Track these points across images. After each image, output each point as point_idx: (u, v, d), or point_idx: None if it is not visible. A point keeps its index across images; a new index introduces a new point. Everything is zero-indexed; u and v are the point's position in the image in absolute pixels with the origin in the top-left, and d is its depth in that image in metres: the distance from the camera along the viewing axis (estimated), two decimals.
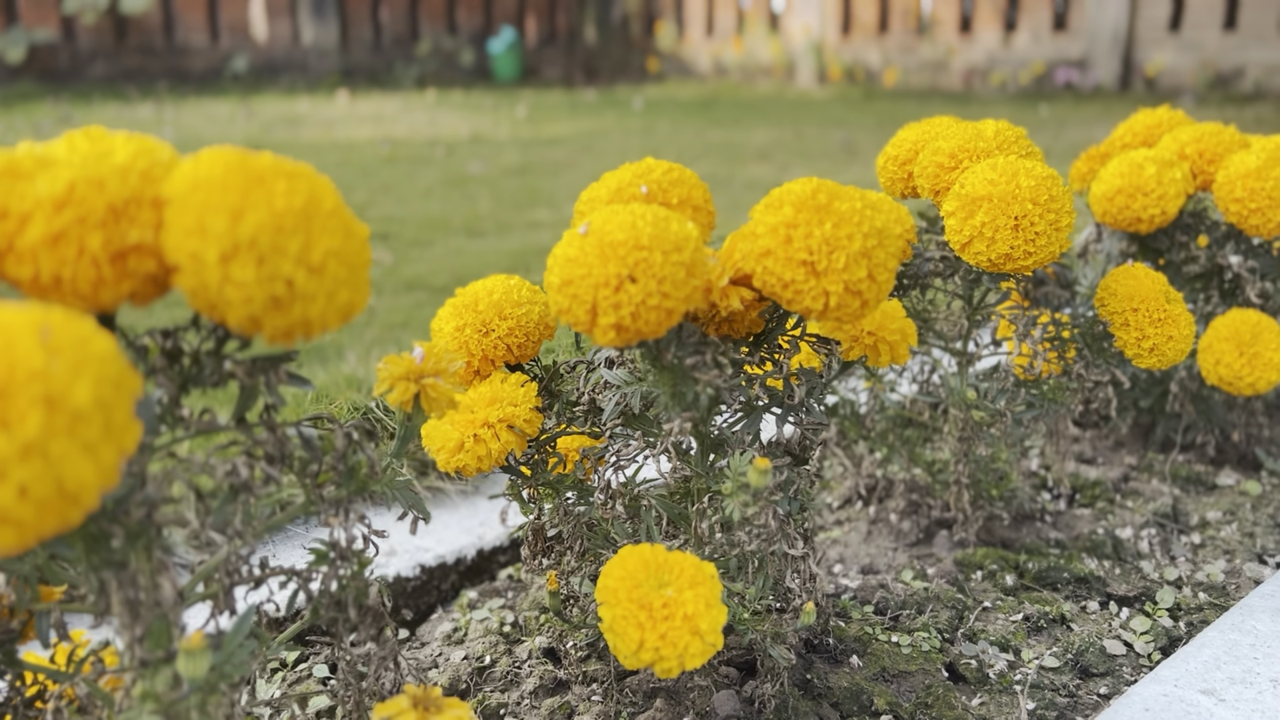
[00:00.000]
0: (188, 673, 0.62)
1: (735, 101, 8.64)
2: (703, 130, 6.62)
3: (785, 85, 9.95)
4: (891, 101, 8.17)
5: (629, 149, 5.76)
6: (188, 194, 0.64)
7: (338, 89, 9.40)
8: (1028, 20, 8.76)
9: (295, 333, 0.67)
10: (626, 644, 0.86)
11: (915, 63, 9.31)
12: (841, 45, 9.73)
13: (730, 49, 10.49)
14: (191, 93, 9.02)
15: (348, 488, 0.79)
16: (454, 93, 9.40)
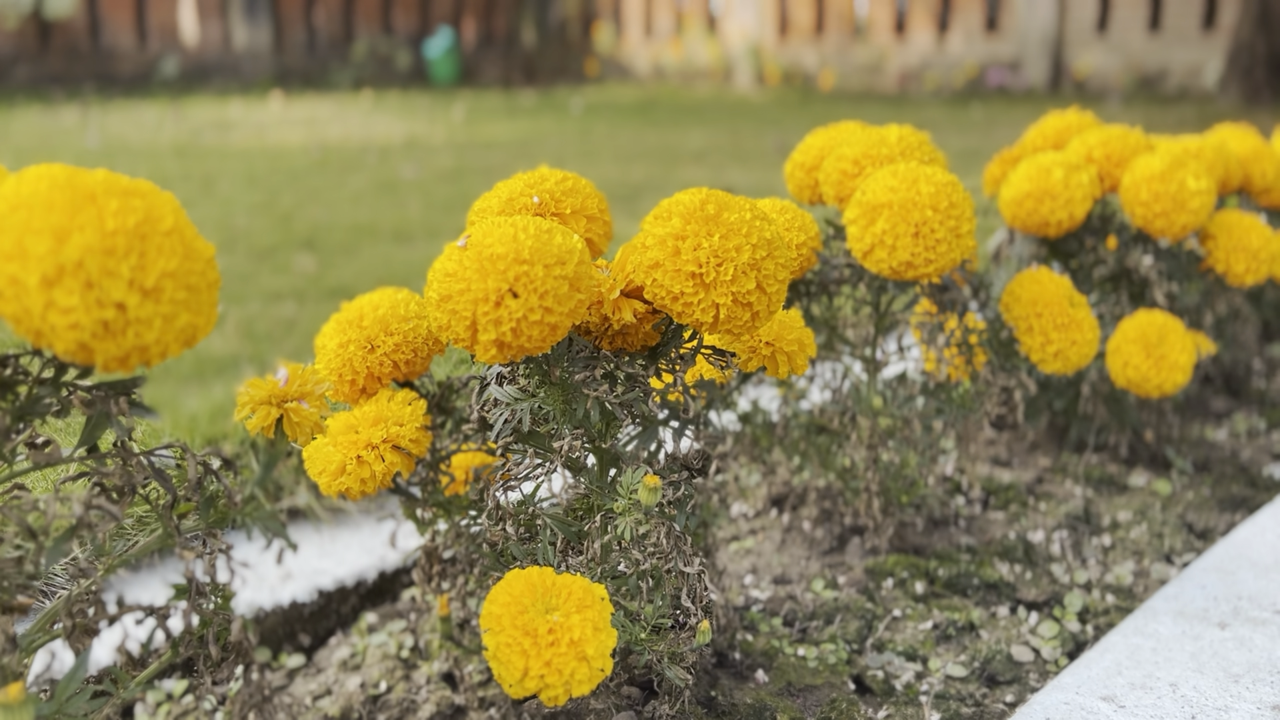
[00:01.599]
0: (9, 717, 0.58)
1: (674, 104, 8.64)
2: (640, 133, 6.61)
3: (724, 88, 9.99)
4: (827, 104, 8.23)
5: (566, 152, 5.73)
6: (7, 215, 0.60)
7: (271, 92, 9.24)
8: (960, 22, 8.89)
9: (131, 360, 0.63)
10: (511, 672, 0.84)
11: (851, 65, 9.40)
12: (779, 47, 9.79)
13: (669, 51, 10.50)
14: (119, 97, 8.81)
15: (206, 519, 0.75)
16: (390, 95, 9.29)
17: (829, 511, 1.44)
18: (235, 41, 10.08)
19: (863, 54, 9.31)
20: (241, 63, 10.11)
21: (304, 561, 1.29)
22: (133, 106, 8.10)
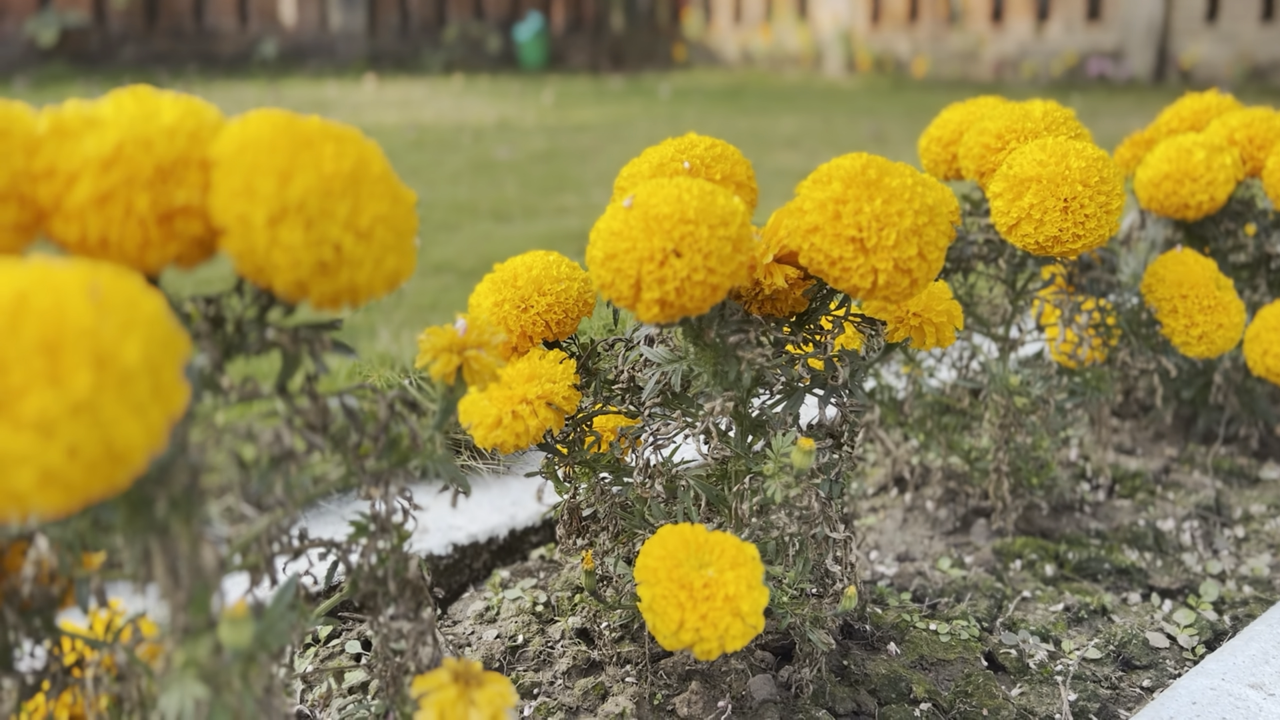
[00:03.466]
0: (230, 641, 0.61)
1: (762, 90, 8.58)
2: (730, 118, 6.58)
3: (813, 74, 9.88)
4: (921, 92, 8.10)
5: (656, 136, 5.73)
6: (235, 155, 0.63)
7: (365, 74, 9.41)
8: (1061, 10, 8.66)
9: (342, 299, 0.66)
10: (666, 624, 0.85)
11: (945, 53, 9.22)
12: (871, 34, 9.65)
13: (758, 37, 10.42)
14: (220, 76, 9.06)
15: (388, 460, 0.78)
16: (480, 79, 9.39)
17: (953, 492, 1.43)
18: (331, 24, 10.28)
19: (958, 41, 9.13)
20: (337, 44, 10.32)
21: (437, 517, 1.33)
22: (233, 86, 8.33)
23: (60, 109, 0.64)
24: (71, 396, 0.49)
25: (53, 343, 0.49)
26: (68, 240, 0.62)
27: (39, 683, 0.75)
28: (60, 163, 0.61)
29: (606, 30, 11.41)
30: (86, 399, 0.49)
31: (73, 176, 0.61)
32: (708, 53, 10.95)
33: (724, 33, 10.81)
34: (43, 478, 0.49)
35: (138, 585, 0.63)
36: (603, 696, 1.03)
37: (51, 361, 0.49)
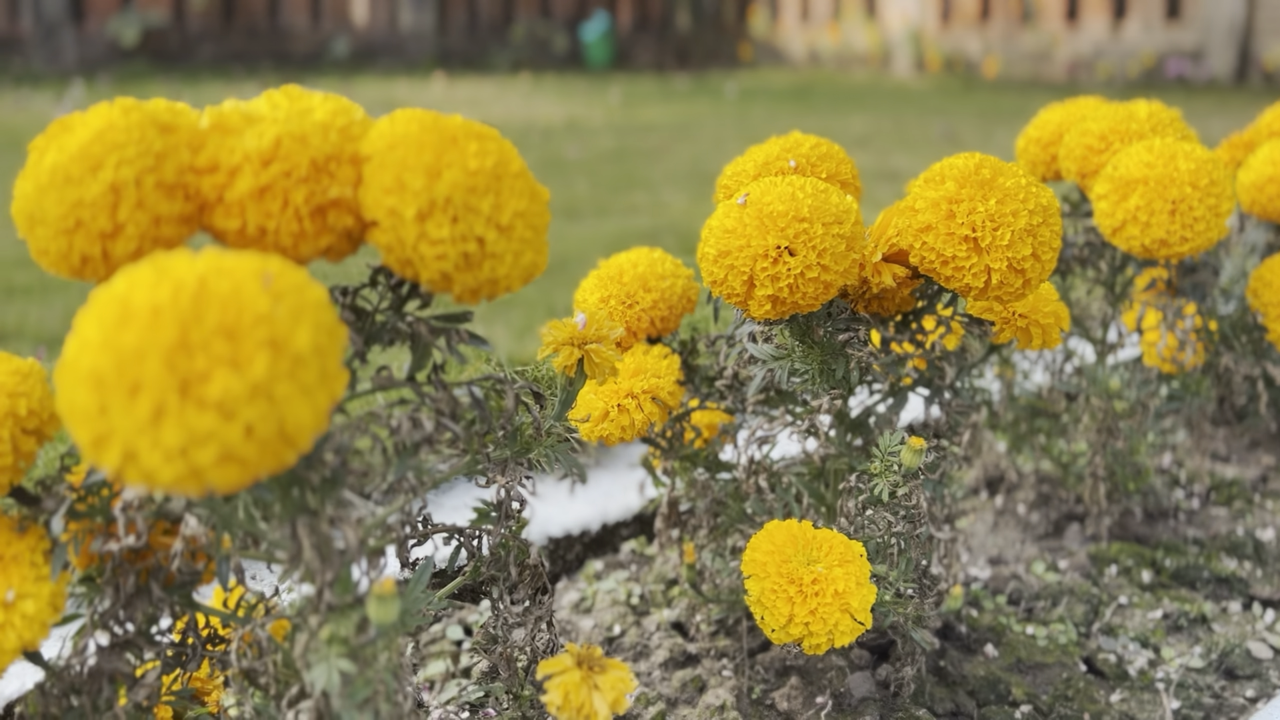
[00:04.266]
0: (378, 618, 0.63)
1: (830, 90, 8.53)
2: (798, 117, 6.55)
3: (881, 74, 9.79)
4: (992, 92, 7.98)
5: (725, 135, 5.73)
6: (386, 152, 0.65)
7: (433, 73, 9.53)
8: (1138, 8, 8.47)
9: (482, 291, 0.68)
10: (775, 618, 0.86)
11: (1017, 53, 9.08)
12: (940, 34, 9.54)
13: (825, 36, 10.35)
14: (294, 75, 9.24)
15: (511, 448, 0.80)
16: (547, 78, 9.46)
17: (1046, 496, 1.42)
18: (401, 23, 10.43)
19: (1030, 41, 8.98)
20: (406, 44, 10.46)
21: (531, 509, 1.35)
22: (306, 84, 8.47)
23: (220, 106, 0.67)
24: (250, 380, 0.51)
25: (232, 328, 0.52)
26: (227, 231, 0.65)
27: (179, 655, 0.78)
28: (222, 157, 0.64)
29: (672, 29, 11.42)
30: (263, 382, 0.52)
31: (234, 170, 0.64)
32: (774, 52, 10.91)
33: (790, 32, 10.75)
34: (222, 455, 0.52)
35: (289, 564, 0.66)
36: (700, 689, 1.05)
37: (232, 346, 0.52)
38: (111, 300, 0.53)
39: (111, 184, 0.61)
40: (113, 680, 0.75)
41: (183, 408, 0.51)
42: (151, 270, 0.54)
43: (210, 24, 9.90)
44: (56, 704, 0.75)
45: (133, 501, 0.65)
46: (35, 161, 0.64)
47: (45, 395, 0.72)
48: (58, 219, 0.61)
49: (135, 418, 0.51)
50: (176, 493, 0.52)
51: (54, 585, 0.70)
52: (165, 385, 0.51)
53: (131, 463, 0.52)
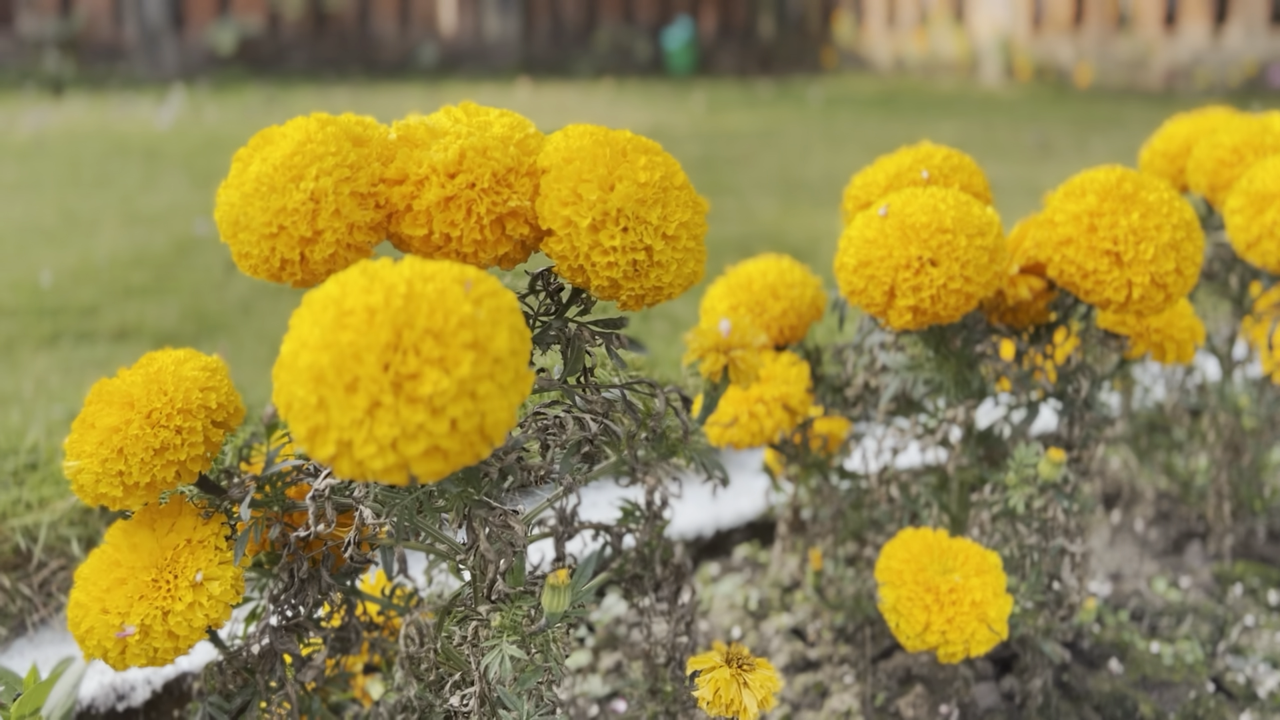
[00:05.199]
0: (551, 607, 0.66)
1: (916, 97, 8.44)
2: (885, 125, 6.50)
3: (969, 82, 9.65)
4: (1085, 101, 7.81)
5: (811, 143, 5.71)
6: (563, 165, 0.68)
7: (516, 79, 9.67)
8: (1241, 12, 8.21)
9: (646, 299, 0.71)
10: (911, 625, 0.87)
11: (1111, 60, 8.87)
12: (1031, 40, 9.36)
13: (911, 43, 10.24)
14: (382, 81, 9.45)
15: (658, 450, 0.82)
16: (630, 84, 9.52)
17: (1165, 513, 1.40)
18: (487, 30, 10.60)
19: (1125, 48, 8.77)
20: (491, 51, 10.63)
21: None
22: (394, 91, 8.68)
23: (406, 121, 0.71)
24: (457, 379, 0.55)
25: (440, 330, 0.55)
26: (412, 238, 0.68)
27: (341, 640, 0.82)
28: (410, 169, 0.68)
29: (755, 36, 11.41)
30: (468, 381, 0.55)
31: (421, 181, 0.68)
32: (858, 59, 10.82)
33: (876, 38, 10.66)
34: (429, 449, 0.55)
35: (466, 554, 0.69)
36: (823, 694, 1.06)
37: (440, 347, 0.55)
38: (327, 302, 0.57)
39: (312, 193, 0.65)
40: (282, 660, 0.79)
41: (396, 403, 0.54)
42: (362, 275, 0.58)
43: (303, 32, 10.18)
44: (232, 681, 0.80)
45: (323, 491, 0.69)
46: (239, 171, 0.68)
47: (230, 389, 0.77)
48: (261, 225, 0.66)
49: (352, 412, 0.54)
50: (384, 481, 0.56)
51: (235, 569, 0.75)
52: (380, 382, 0.54)
53: (346, 453, 0.55)
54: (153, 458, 0.71)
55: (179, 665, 1.02)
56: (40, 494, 1.12)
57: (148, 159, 5.24)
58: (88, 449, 0.72)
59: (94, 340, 2.54)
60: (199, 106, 7.40)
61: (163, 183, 4.62)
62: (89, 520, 1.13)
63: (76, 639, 0.73)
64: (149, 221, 3.80)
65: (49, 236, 3.58)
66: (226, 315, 2.73)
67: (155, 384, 0.73)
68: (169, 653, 0.72)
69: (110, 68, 9.45)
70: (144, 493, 0.72)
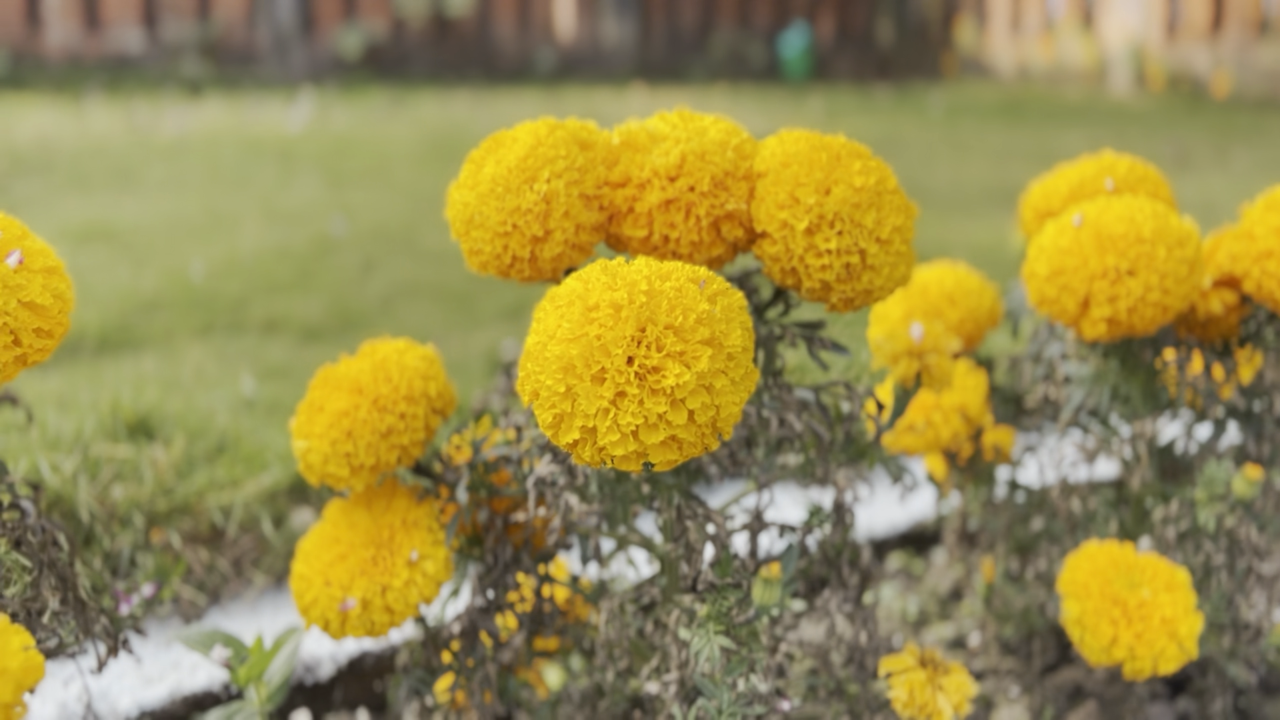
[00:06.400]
0: (761, 599, 0.68)
1: (1042, 106, 8.22)
2: (1010, 134, 6.36)
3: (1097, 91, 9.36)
4: (1223, 111, 7.50)
5: (934, 151, 5.62)
6: (780, 169, 0.70)
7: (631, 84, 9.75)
8: None
9: (856, 301, 0.72)
10: (1097, 639, 0.86)
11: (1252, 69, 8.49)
12: (1165, 48, 9.03)
13: (1036, 50, 9.97)
14: (501, 85, 9.65)
15: (847, 452, 0.83)
16: (745, 90, 9.51)
17: None
18: (604, 36, 10.73)
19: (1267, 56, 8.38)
20: (607, 56, 10.75)
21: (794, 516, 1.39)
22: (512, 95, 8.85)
23: (627, 126, 0.74)
24: (696, 373, 0.57)
25: (680, 326, 0.58)
26: (632, 239, 0.71)
27: (535, 622, 0.85)
28: (633, 172, 0.70)
29: (873, 41, 11.28)
30: (706, 375, 0.57)
31: (643, 184, 0.70)
32: (980, 66, 10.59)
33: (999, 45, 10.42)
34: (668, 439, 0.57)
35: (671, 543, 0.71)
36: (987, 706, 1.05)
37: (681, 342, 0.57)
38: (572, 298, 0.60)
39: (544, 195, 0.68)
40: (480, 639, 0.83)
41: (640, 394, 0.56)
42: (604, 273, 0.60)
43: (425, 37, 10.46)
44: (435, 657, 0.83)
45: (545, 477, 0.72)
46: (472, 173, 0.72)
47: (445, 379, 0.81)
48: (496, 224, 0.69)
49: (598, 401, 0.57)
50: (619, 468, 0.58)
51: (445, 550, 0.79)
52: (626, 374, 0.57)
53: (589, 440, 0.58)
54: (378, 441, 0.75)
55: (361, 644, 1.07)
56: (232, 474, 1.19)
57: (282, 159, 5.46)
58: (317, 430, 0.76)
59: (244, 331, 2.67)
60: (327, 109, 7.67)
61: (298, 182, 4.81)
62: (277, 500, 1.19)
63: (300, 609, 0.78)
64: (288, 219, 3.96)
65: (196, 232, 3.77)
66: (367, 312, 2.83)
67: (381, 372, 0.77)
68: (385, 626, 0.76)
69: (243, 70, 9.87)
70: (367, 474, 0.76)
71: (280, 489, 1.19)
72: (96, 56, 9.06)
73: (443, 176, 4.99)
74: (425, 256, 3.41)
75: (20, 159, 5.15)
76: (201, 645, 0.78)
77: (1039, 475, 1.05)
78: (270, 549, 1.14)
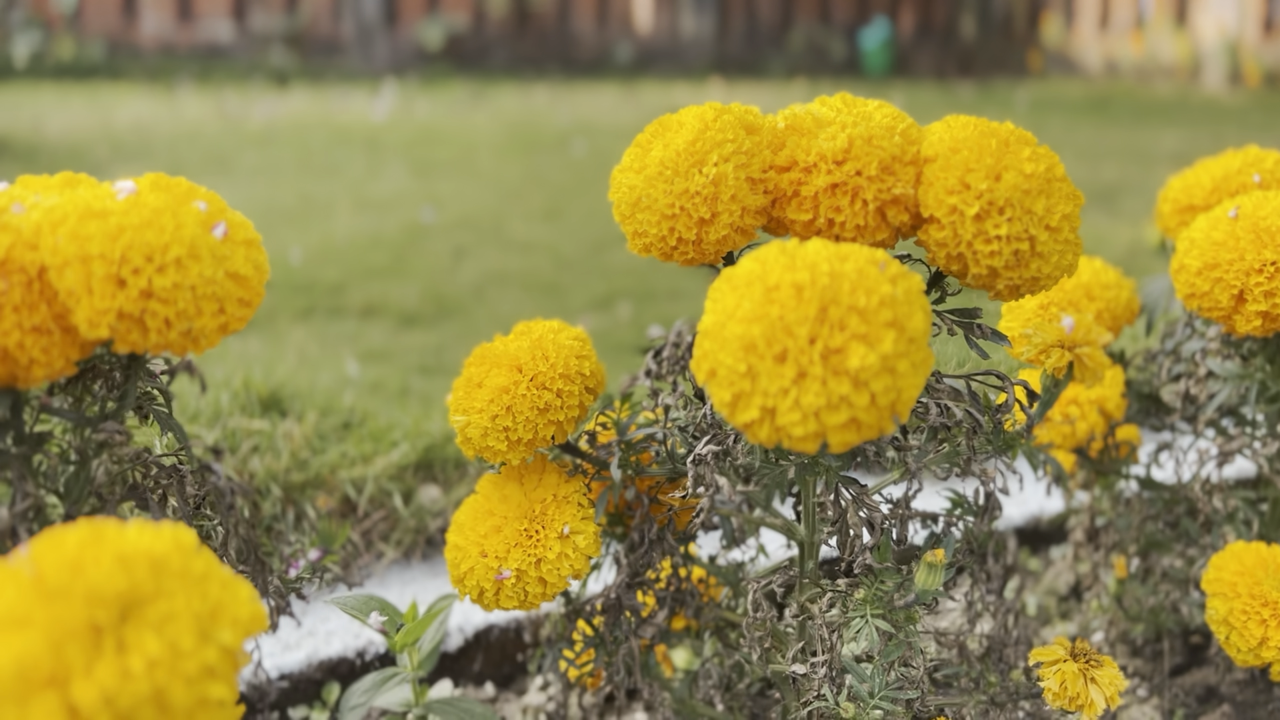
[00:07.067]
0: (924, 584, 0.68)
1: (1131, 103, 8.01)
2: (1100, 131, 6.21)
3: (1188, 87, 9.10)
4: None
5: None
6: (949, 155, 0.70)
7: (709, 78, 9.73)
8: None
9: (1022, 289, 0.72)
10: (1245, 639, 0.85)
11: None
12: (1262, 44, 8.74)
13: (1126, 45, 9.72)
14: (579, 78, 9.70)
15: (994, 443, 0.83)
16: (823, 84, 9.43)
17: None
18: (682, 30, 10.72)
19: None
20: (686, 50, 10.74)
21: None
22: (590, 88, 8.89)
23: (793, 110, 0.75)
24: (879, 354, 0.57)
25: (863, 308, 0.58)
26: (795, 223, 0.72)
27: (676, 600, 0.87)
28: (799, 156, 0.71)
29: (956, 36, 11.09)
30: (890, 358, 0.58)
31: (809, 168, 0.71)
32: (1066, 62, 10.36)
33: (1086, 41, 10.17)
34: (848, 420, 0.58)
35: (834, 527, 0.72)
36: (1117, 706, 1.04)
37: (865, 324, 0.58)
38: (750, 279, 0.60)
39: (713, 178, 0.69)
40: (623, 615, 0.85)
41: (824, 374, 0.57)
42: (782, 254, 0.61)
43: (506, 30, 10.56)
44: (576, 631, 0.85)
45: (705, 456, 0.73)
46: (639, 156, 0.73)
47: (596, 359, 0.82)
48: (664, 207, 0.70)
49: (780, 380, 0.58)
50: (799, 449, 0.59)
51: (595, 526, 0.80)
52: (809, 354, 0.57)
53: (767, 419, 0.59)
54: (536, 416, 0.77)
55: (488, 618, 1.10)
56: (361, 449, 1.23)
57: (369, 148, 5.57)
58: (476, 405, 0.78)
59: (344, 316, 2.73)
60: (410, 100, 7.78)
61: (385, 171, 4.90)
62: (405, 477, 1.23)
63: (453, 580, 0.80)
64: (378, 207, 4.04)
65: (291, 218, 3.86)
66: (461, 298, 2.88)
67: (539, 350, 0.79)
68: (537, 597, 0.78)
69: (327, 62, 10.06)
70: (524, 448, 0.78)
71: (408, 465, 1.22)
72: (188, 46, 9.32)
73: (525, 168, 5.05)
74: (512, 246, 3.46)
75: (120, 145, 5.32)
76: (359, 610, 0.81)
77: (1174, 472, 1.04)
78: (399, 523, 1.17)
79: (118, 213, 0.59)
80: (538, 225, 3.78)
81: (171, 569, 0.47)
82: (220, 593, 0.48)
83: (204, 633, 0.46)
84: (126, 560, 0.46)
